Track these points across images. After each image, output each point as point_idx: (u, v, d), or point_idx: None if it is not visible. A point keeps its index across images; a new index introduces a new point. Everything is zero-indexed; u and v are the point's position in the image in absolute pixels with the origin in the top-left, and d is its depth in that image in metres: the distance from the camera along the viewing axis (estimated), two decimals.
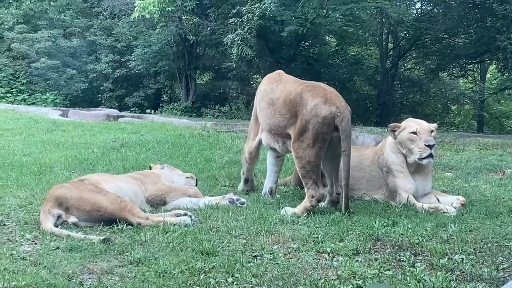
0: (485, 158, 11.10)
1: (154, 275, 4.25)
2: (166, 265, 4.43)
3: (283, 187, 7.99)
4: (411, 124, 7.10)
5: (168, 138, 12.75)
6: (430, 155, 6.86)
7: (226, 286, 4.13)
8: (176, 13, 23.69)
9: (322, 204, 6.52)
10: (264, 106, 7.11)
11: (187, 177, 7.42)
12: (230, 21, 21.69)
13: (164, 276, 4.25)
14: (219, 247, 4.90)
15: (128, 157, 10.13)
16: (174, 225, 5.54)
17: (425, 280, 4.16)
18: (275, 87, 7.04)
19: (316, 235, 5.25)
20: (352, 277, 4.26)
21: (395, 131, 7.13)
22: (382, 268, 4.45)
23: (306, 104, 6.46)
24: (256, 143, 7.45)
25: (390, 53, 29.06)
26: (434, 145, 6.87)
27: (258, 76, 30.20)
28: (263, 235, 5.31)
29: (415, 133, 6.93)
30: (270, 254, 4.77)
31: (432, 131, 7.01)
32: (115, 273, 4.35)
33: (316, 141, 6.37)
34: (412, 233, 5.28)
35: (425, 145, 6.81)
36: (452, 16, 23.60)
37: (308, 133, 6.39)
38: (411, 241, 5.04)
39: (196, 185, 7.37)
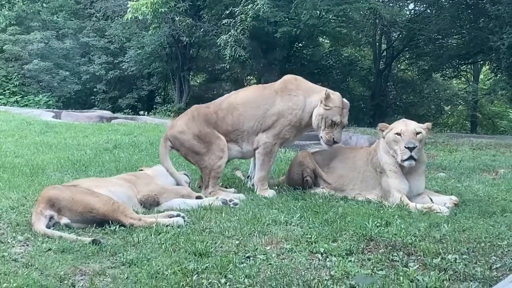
0: (478, 158, 11.15)
1: (147, 276, 4.22)
2: (158, 266, 4.41)
3: (276, 187, 7.97)
4: (398, 125, 7.02)
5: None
6: (411, 157, 6.75)
7: (219, 287, 4.10)
8: (169, 15, 23.71)
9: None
10: None
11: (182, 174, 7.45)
12: (223, 22, 21.71)
13: (156, 277, 4.22)
14: (212, 248, 4.88)
15: (121, 158, 10.11)
16: (167, 226, 5.52)
17: (418, 280, 4.15)
18: None
19: (309, 236, 5.23)
20: (345, 277, 4.24)
21: (383, 130, 7.11)
22: (375, 268, 4.44)
23: None
24: None
25: (383, 54, 29.13)
26: (415, 147, 6.72)
27: (251, 77, 30.24)
28: (256, 236, 5.29)
29: (399, 134, 6.87)
30: (263, 254, 4.74)
31: (418, 133, 6.85)
32: (107, 274, 4.32)
33: None
34: (405, 233, 5.27)
35: (405, 147, 6.74)
36: (445, 16, 23.66)
37: None
38: (404, 241, 5.03)
39: (189, 185, 7.37)
